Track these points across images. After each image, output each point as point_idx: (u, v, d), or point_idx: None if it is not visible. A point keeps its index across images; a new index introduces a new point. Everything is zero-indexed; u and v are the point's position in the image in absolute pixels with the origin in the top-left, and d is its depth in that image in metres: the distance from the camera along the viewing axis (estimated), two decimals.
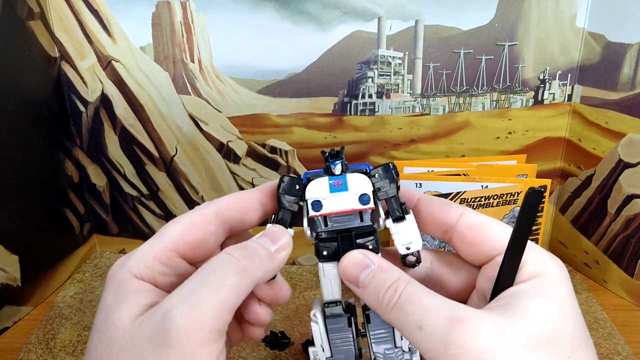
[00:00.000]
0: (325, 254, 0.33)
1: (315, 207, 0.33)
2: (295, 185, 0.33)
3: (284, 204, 0.33)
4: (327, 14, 0.59)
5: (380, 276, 0.30)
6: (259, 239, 0.31)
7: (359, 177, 0.33)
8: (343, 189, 0.32)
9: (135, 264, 0.31)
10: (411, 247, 0.33)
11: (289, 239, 0.32)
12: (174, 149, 0.66)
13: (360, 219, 0.33)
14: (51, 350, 0.54)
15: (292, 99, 0.63)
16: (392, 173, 0.33)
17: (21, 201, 0.58)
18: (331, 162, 0.33)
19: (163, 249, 0.31)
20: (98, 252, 0.73)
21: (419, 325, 0.27)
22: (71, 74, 0.63)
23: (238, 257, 0.29)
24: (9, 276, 0.57)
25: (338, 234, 0.33)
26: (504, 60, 0.62)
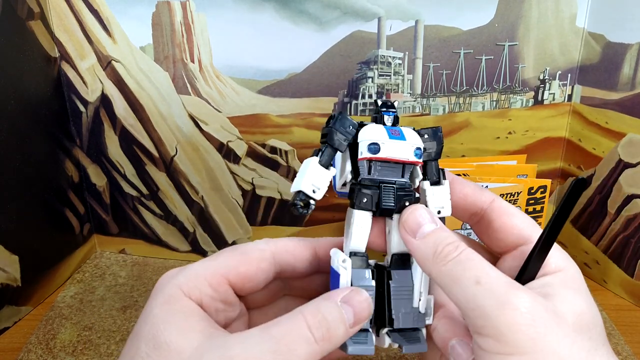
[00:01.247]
0: (365, 200, 0.32)
1: (372, 149, 0.31)
2: (350, 125, 0.32)
3: (334, 141, 0.31)
4: (327, 14, 0.59)
5: (442, 233, 0.30)
6: (345, 308, 0.29)
7: (412, 132, 0.33)
8: (401, 137, 0.32)
9: (186, 281, 0.30)
10: (442, 212, 0.33)
11: (370, 312, 0.30)
12: (174, 149, 0.66)
13: (402, 174, 0.32)
14: (51, 350, 0.54)
15: (292, 99, 0.63)
16: (441, 136, 0.33)
17: (21, 201, 0.58)
18: (386, 112, 0.33)
19: (215, 273, 0.31)
20: (98, 252, 0.73)
21: (477, 280, 0.27)
22: (71, 74, 0.63)
23: (318, 338, 0.27)
24: (9, 276, 0.57)
25: (381, 184, 0.32)
26: (504, 61, 0.62)
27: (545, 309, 0.26)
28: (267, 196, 0.68)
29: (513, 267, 0.31)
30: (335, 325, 0.28)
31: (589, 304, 0.29)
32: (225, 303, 0.32)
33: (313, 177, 0.31)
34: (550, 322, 0.26)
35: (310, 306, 0.28)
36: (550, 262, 0.30)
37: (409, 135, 0.32)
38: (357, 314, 0.29)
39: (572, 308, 0.27)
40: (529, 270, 0.30)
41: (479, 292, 0.26)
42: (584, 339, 0.26)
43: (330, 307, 0.28)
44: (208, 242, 0.71)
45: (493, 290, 0.26)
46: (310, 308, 0.28)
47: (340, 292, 0.30)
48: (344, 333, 0.28)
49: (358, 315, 0.29)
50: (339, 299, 0.29)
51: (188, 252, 0.72)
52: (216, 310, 0.31)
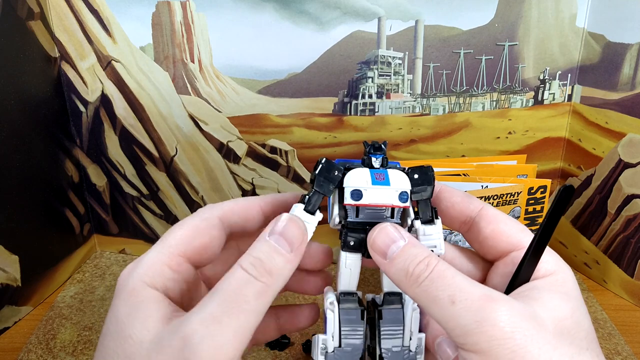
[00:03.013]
0: (352, 243, 0.32)
1: (355, 196, 0.32)
2: (335, 171, 0.32)
3: (320, 188, 0.32)
4: (327, 14, 0.59)
5: (411, 250, 0.30)
6: (276, 240, 0.29)
7: (400, 175, 0.33)
8: (385, 182, 0.32)
9: (145, 271, 0.30)
10: (435, 251, 0.33)
11: (305, 235, 0.31)
12: (174, 149, 0.66)
13: (391, 215, 0.33)
14: (51, 350, 0.54)
15: (292, 99, 0.63)
16: (431, 176, 0.33)
17: (21, 201, 0.58)
18: (374, 155, 0.33)
19: (171, 254, 0.31)
20: (98, 252, 0.73)
21: (451, 300, 0.27)
22: (71, 74, 0.63)
23: (257, 275, 0.28)
24: (9, 276, 0.57)
25: (368, 226, 0.32)
26: (504, 61, 0.62)
27: (524, 317, 0.26)
28: None
29: (505, 273, 0.31)
30: (269, 258, 0.29)
31: (575, 308, 0.29)
32: (188, 282, 0.32)
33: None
34: (529, 331, 0.26)
35: (244, 255, 0.29)
36: (541, 266, 0.30)
37: (394, 179, 0.32)
38: (288, 238, 0.29)
39: (554, 313, 0.27)
40: (520, 277, 0.30)
41: (455, 312, 0.27)
42: (564, 344, 0.26)
43: (258, 246, 0.29)
44: None
45: (468, 309, 0.26)
46: (244, 255, 0.29)
47: (269, 225, 0.30)
48: (283, 262, 0.29)
49: (289, 238, 0.29)
50: (266, 235, 0.30)
51: None
52: (181, 291, 0.31)
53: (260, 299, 0.28)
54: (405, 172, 0.33)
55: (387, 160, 0.33)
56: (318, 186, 0.32)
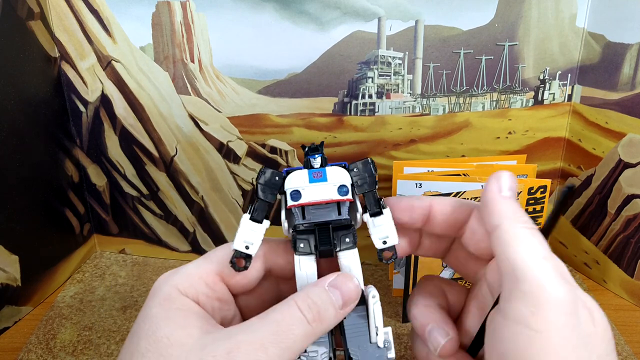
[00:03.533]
0: (302, 246, 0.33)
1: (294, 196, 0.32)
2: (275, 177, 0.33)
3: (262, 195, 0.33)
4: (327, 14, 0.59)
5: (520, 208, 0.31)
6: (333, 292, 0.31)
7: (338, 170, 0.33)
8: (322, 179, 0.33)
9: (182, 281, 0.32)
10: (388, 242, 0.33)
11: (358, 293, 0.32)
12: (174, 149, 0.66)
13: (338, 212, 0.33)
14: (51, 350, 0.54)
15: (292, 99, 0.63)
16: (371, 167, 0.34)
17: (21, 201, 0.58)
18: (311, 156, 0.34)
19: (209, 271, 0.33)
20: (98, 252, 0.73)
21: (545, 255, 0.27)
22: (71, 74, 0.63)
23: (310, 319, 0.29)
24: (9, 276, 0.57)
25: (316, 227, 0.33)
26: (504, 61, 0.62)
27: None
28: None
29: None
30: (325, 307, 0.30)
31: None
32: (220, 301, 0.33)
33: (245, 234, 0.32)
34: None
35: (300, 293, 0.30)
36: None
37: (332, 175, 0.33)
38: (344, 296, 0.31)
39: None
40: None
41: (543, 266, 0.26)
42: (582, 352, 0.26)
43: (318, 292, 0.30)
44: (208, 242, 0.71)
45: (556, 267, 0.27)
46: (301, 294, 0.30)
47: (328, 277, 0.31)
48: (334, 314, 0.30)
49: (346, 297, 0.31)
50: (326, 284, 0.31)
51: (188, 252, 0.72)
52: (212, 308, 0.32)
53: (305, 340, 0.29)
54: (346, 168, 0.34)
55: (325, 160, 0.34)
56: (261, 194, 0.33)
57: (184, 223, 0.70)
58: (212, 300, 0.32)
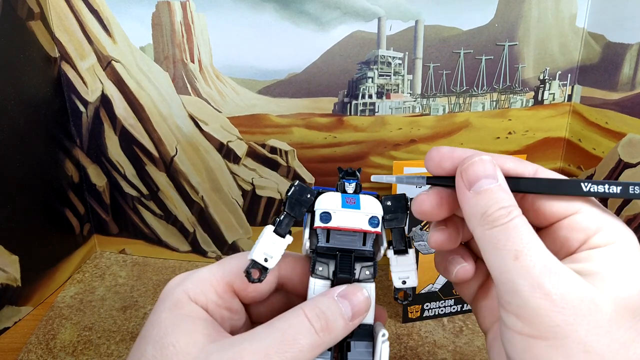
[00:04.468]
0: (320, 269, 0.32)
1: (323, 218, 0.32)
2: (307, 194, 0.32)
3: (290, 210, 0.32)
4: (327, 14, 0.59)
5: (499, 194, 0.28)
6: (342, 303, 0.30)
7: (372, 200, 0.33)
8: (355, 206, 0.32)
9: (193, 287, 0.31)
10: (407, 283, 0.33)
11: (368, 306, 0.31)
12: (174, 149, 0.66)
13: (363, 242, 0.32)
14: (51, 351, 0.54)
15: (292, 99, 0.63)
16: (405, 204, 0.33)
17: (21, 201, 0.58)
18: (347, 180, 0.33)
19: (221, 280, 0.32)
20: (98, 252, 0.73)
21: (515, 255, 0.26)
22: (71, 74, 0.63)
23: (318, 329, 0.28)
24: (9, 276, 0.57)
25: (338, 252, 0.32)
26: (504, 61, 0.62)
27: (581, 294, 0.25)
28: (267, 196, 0.68)
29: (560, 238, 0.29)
30: (334, 317, 0.29)
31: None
32: (230, 311, 0.33)
33: (266, 246, 0.31)
34: (583, 310, 0.24)
35: (309, 302, 0.30)
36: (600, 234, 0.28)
37: (365, 204, 0.32)
38: (354, 307, 0.30)
39: (617, 291, 0.25)
40: None
41: (514, 269, 0.26)
42: (622, 327, 0.25)
43: (327, 302, 0.30)
44: (208, 242, 0.71)
45: (528, 270, 0.25)
46: (309, 303, 0.30)
47: (337, 288, 0.31)
48: (343, 326, 0.29)
49: (356, 308, 0.30)
50: (336, 294, 0.30)
51: (188, 252, 0.72)
52: (222, 317, 0.32)
53: (311, 351, 0.28)
54: (379, 200, 0.33)
55: (360, 187, 0.33)
56: (289, 208, 0.32)
57: (184, 223, 0.70)
58: (221, 309, 0.32)
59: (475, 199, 0.28)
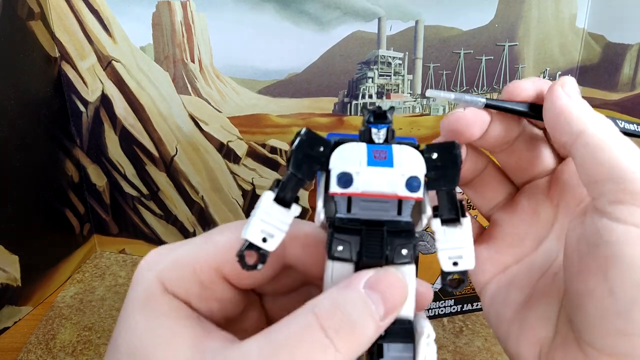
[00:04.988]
0: (340, 249, 0.22)
1: (342, 181, 0.23)
2: (319, 145, 0.23)
3: (296, 169, 0.23)
4: (328, 14, 0.59)
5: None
6: (371, 296, 0.21)
7: (410, 152, 0.23)
8: (386, 163, 0.23)
9: (169, 274, 0.24)
10: (460, 264, 0.24)
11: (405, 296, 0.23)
12: (174, 149, 0.66)
13: (398, 211, 0.23)
14: (51, 351, 0.54)
15: (292, 99, 0.63)
16: (456, 155, 0.24)
17: (21, 201, 0.58)
18: (374, 125, 0.24)
19: (205, 264, 0.25)
20: (98, 252, 0.73)
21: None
22: (71, 74, 0.63)
23: (339, 345, 0.20)
24: (9, 276, 0.57)
25: (364, 225, 0.23)
26: (504, 61, 0.62)
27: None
28: None
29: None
30: (361, 320, 0.21)
31: None
32: (221, 301, 0.26)
33: (264, 220, 0.23)
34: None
35: (325, 300, 0.21)
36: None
37: (401, 158, 0.23)
38: (388, 302, 0.22)
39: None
40: None
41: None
42: None
43: (352, 298, 0.21)
44: None
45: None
46: (325, 302, 0.21)
47: (363, 274, 0.22)
48: (373, 330, 0.21)
49: (390, 303, 0.22)
50: (362, 284, 0.22)
51: None
52: (210, 310, 0.25)
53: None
54: (420, 150, 0.24)
55: (393, 133, 0.24)
56: (295, 167, 0.23)
57: (184, 223, 0.70)
58: (208, 302, 0.25)
59: (579, 102, 0.28)
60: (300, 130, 0.24)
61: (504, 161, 0.32)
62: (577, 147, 0.26)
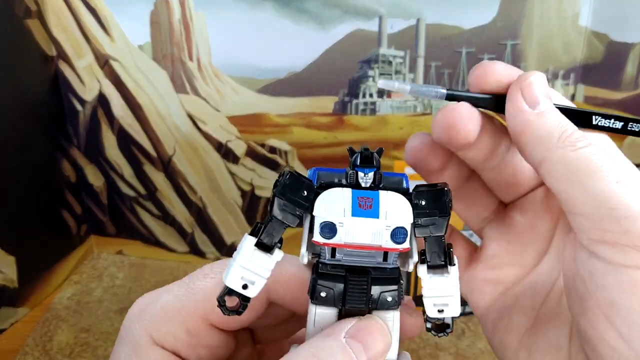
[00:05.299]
0: (323, 295, 0.23)
1: (325, 231, 0.22)
2: (302, 189, 0.23)
3: (280, 214, 0.23)
4: (328, 13, 0.59)
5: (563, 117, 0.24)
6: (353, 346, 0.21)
7: (397, 201, 0.23)
8: (372, 213, 0.22)
9: (156, 324, 0.25)
10: (445, 312, 0.23)
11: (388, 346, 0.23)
12: (172, 148, 0.65)
13: (384, 257, 0.23)
14: (48, 353, 0.54)
15: (292, 98, 0.62)
16: (446, 203, 0.23)
17: (18, 202, 0.58)
18: (361, 169, 0.23)
19: (192, 313, 0.25)
20: (95, 253, 0.73)
21: (617, 179, 0.22)
22: (68, 73, 0.63)
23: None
24: (6, 277, 0.57)
25: (347, 272, 0.23)
26: (506, 60, 0.62)
27: None
28: (266, 197, 0.67)
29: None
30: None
31: None
32: (209, 348, 0.26)
33: (244, 266, 0.22)
34: None
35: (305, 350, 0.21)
36: None
37: (387, 207, 0.22)
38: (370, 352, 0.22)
39: None
40: None
41: (623, 191, 0.21)
42: None
43: (331, 347, 0.21)
44: (206, 243, 0.70)
45: (637, 192, 0.21)
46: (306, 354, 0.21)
47: (344, 323, 0.22)
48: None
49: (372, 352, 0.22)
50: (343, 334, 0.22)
51: (186, 253, 0.71)
52: (198, 356, 0.26)
53: None
54: (409, 195, 0.23)
55: (380, 177, 0.23)
56: (278, 212, 0.23)
57: (182, 224, 0.70)
58: (197, 349, 0.26)
59: (544, 118, 0.23)
60: (283, 171, 0.23)
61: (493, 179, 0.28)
62: (542, 174, 0.24)
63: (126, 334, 0.25)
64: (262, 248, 0.23)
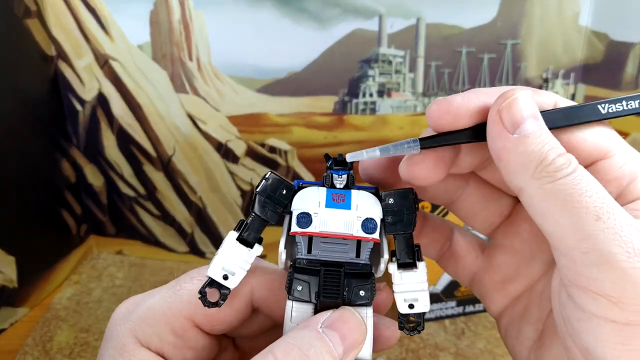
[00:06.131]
0: (299, 289, 0.24)
1: (301, 221, 0.25)
2: (282, 189, 0.25)
3: (260, 210, 0.25)
4: (328, 12, 0.59)
5: (549, 137, 0.22)
6: (329, 335, 0.22)
7: (367, 197, 0.25)
8: (344, 206, 0.25)
9: (142, 326, 0.25)
10: (415, 307, 0.25)
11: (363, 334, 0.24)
12: (171, 148, 0.65)
13: (357, 253, 0.25)
14: (48, 353, 0.54)
15: (291, 97, 0.62)
16: (412, 202, 0.25)
17: (17, 202, 0.58)
18: (335, 171, 0.26)
19: (178, 313, 0.26)
20: (95, 253, 0.73)
21: (596, 214, 0.20)
22: (68, 72, 0.63)
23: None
24: (6, 277, 0.57)
25: (322, 267, 0.25)
26: (506, 59, 0.61)
27: None
28: None
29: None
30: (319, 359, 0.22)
31: None
32: (194, 349, 0.27)
33: (226, 259, 0.25)
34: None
35: (284, 340, 0.22)
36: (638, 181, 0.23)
37: (358, 202, 0.25)
38: (346, 340, 0.23)
39: None
40: None
41: (601, 232, 0.20)
42: None
43: (308, 337, 0.22)
44: (206, 243, 0.70)
45: (617, 232, 0.20)
46: (284, 342, 0.22)
47: (321, 316, 0.23)
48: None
49: (348, 341, 0.23)
50: (319, 325, 0.23)
51: (186, 253, 0.71)
52: (184, 358, 0.26)
53: None
54: (378, 195, 0.26)
55: (353, 180, 0.26)
56: (259, 208, 0.25)
57: (182, 224, 0.69)
58: (182, 350, 0.26)
59: (523, 144, 0.22)
60: (265, 173, 0.26)
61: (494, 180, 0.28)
62: (522, 202, 0.22)
63: (111, 336, 0.25)
64: (243, 243, 0.25)
